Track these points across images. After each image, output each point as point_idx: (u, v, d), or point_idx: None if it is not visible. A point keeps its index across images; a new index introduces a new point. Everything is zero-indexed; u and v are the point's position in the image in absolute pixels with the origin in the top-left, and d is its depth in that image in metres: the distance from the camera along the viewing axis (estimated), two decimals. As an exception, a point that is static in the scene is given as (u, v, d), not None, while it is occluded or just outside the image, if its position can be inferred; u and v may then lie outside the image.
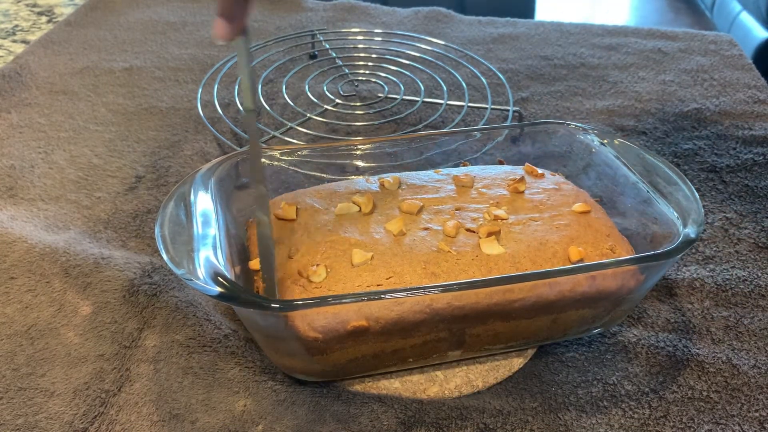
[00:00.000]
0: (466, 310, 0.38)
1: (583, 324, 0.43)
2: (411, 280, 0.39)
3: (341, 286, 0.38)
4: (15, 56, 0.79)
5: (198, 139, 0.65)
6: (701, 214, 0.42)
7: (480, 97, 0.74)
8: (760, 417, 0.42)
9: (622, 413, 0.42)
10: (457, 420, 0.41)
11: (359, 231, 0.41)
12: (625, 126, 0.69)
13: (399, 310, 0.37)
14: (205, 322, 0.46)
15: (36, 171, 0.60)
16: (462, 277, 0.39)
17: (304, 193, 0.46)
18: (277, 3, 0.95)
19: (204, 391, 0.42)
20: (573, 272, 0.38)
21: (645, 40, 0.87)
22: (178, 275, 0.36)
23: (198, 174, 0.44)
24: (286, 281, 0.39)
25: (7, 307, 0.47)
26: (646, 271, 0.40)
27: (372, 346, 0.39)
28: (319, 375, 0.42)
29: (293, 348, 0.39)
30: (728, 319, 0.48)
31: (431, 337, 0.40)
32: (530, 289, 0.38)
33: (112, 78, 0.76)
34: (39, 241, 0.51)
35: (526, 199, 0.45)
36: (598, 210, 0.45)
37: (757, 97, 0.74)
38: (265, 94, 0.73)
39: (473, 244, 0.41)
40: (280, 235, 0.42)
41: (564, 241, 0.42)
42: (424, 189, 0.45)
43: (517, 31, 0.89)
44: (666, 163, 0.46)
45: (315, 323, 0.37)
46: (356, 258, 0.39)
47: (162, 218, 0.40)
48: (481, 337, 0.41)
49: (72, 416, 0.40)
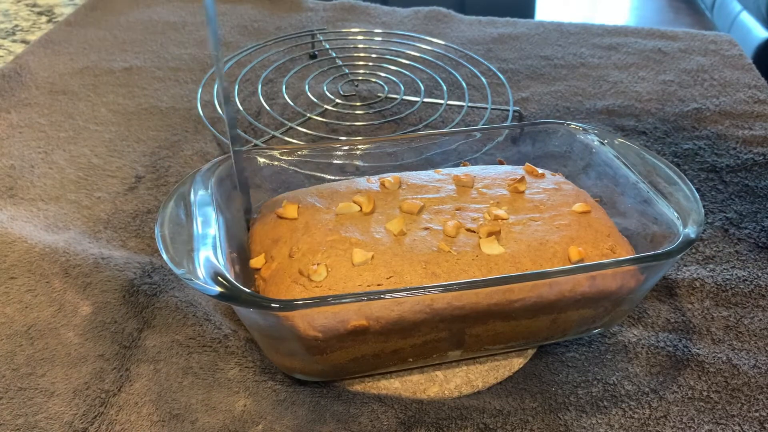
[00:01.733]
0: (466, 310, 0.38)
1: (583, 324, 0.43)
2: (411, 280, 0.39)
3: (342, 285, 0.38)
4: (15, 56, 0.79)
5: (198, 139, 0.65)
6: (701, 214, 0.42)
7: (480, 97, 0.74)
8: (761, 417, 0.42)
9: (622, 413, 0.42)
10: (457, 420, 0.41)
11: (360, 230, 0.41)
12: (625, 126, 0.69)
13: (399, 310, 0.37)
14: (205, 322, 0.46)
15: (36, 171, 0.60)
16: (462, 277, 0.39)
17: (304, 192, 0.46)
18: (277, 3, 0.95)
19: (204, 391, 0.42)
20: (573, 272, 0.38)
21: (645, 40, 0.87)
22: (178, 275, 0.36)
23: (198, 174, 0.44)
24: (287, 280, 0.39)
25: (7, 307, 0.47)
26: (646, 271, 0.40)
27: (372, 345, 0.39)
28: (319, 375, 0.42)
29: (293, 347, 0.39)
30: (728, 319, 0.48)
31: (431, 337, 0.40)
32: (530, 289, 0.38)
33: (112, 78, 0.76)
34: (39, 241, 0.51)
35: (526, 199, 0.45)
36: (599, 210, 0.45)
37: (757, 97, 0.74)
38: (265, 94, 0.73)
39: (473, 244, 0.41)
40: (281, 233, 0.42)
41: (564, 241, 0.42)
42: (424, 189, 0.45)
43: (517, 31, 0.89)
44: (666, 163, 0.46)
45: (315, 322, 0.37)
46: (357, 257, 0.39)
47: (162, 218, 0.40)
48: (481, 337, 0.41)
49: (72, 416, 0.40)
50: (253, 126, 0.67)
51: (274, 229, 0.43)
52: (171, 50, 0.82)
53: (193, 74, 0.77)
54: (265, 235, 0.43)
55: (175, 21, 0.89)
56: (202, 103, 0.68)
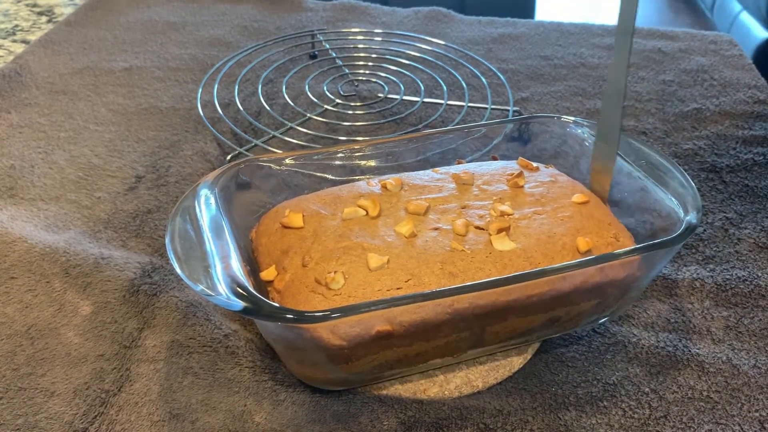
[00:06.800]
0: (486, 309, 0.38)
1: (593, 313, 0.44)
2: (430, 282, 0.39)
3: (361, 291, 0.38)
4: (15, 56, 0.79)
5: (198, 139, 0.65)
6: (698, 198, 0.42)
7: (480, 97, 0.74)
8: (761, 417, 0.42)
9: (622, 413, 0.42)
10: (457, 420, 0.41)
11: (370, 235, 0.41)
12: (625, 126, 0.69)
13: (422, 313, 0.37)
14: (205, 322, 0.46)
15: (36, 171, 0.60)
16: (479, 275, 0.39)
17: (306, 199, 0.45)
18: (277, 3, 0.95)
19: (204, 391, 0.42)
20: (591, 264, 0.39)
21: (645, 40, 0.87)
22: (197, 292, 0.36)
23: (201, 185, 0.43)
24: (304, 290, 0.38)
25: (7, 307, 0.47)
26: (652, 258, 0.41)
27: (396, 350, 0.39)
28: (344, 384, 0.42)
29: (317, 358, 0.38)
30: (728, 319, 0.48)
31: (453, 338, 0.40)
32: (546, 283, 0.38)
33: (112, 78, 0.76)
34: (39, 241, 0.51)
35: (527, 194, 0.45)
36: (596, 199, 0.46)
37: (757, 97, 0.74)
38: (265, 94, 0.73)
39: (484, 241, 0.41)
40: (290, 243, 0.42)
41: (570, 232, 0.42)
42: (426, 189, 0.45)
43: (517, 31, 0.89)
44: (657, 150, 0.47)
45: (339, 331, 0.36)
46: (373, 262, 0.39)
47: (171, 231, 0.39)
48: (500, 334, 0.41)
49: (72, 416, 0.40)
50: (253, 126, 0.67)
51: (281, 239, 0.42)
52: (171, 50, 0.82)
53: (193, 74, 0.77)
54: (273, 246, 0.42)
55: (175, 21, 0.89)
56: (202, 103, 0.68)
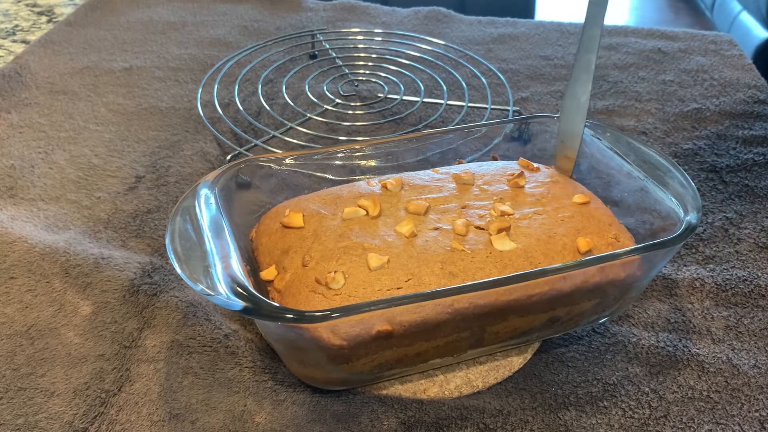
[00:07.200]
0: (486, 308, 0.38)
1: (594, 313, 0.44)
2: (430, 281, 0.39)
3: (361, 291, 0.38)
4: (15, 56, 0.79)
5: (198, 139, 0.65)
6: (698, 198, 0.42)
7: (480, 97, 0.74)
8: (761, 417, 0.42)
9: (622, 413, 0.42)
10: (457, 420, 0.41)
11: (370, 235, 0.41)
12: (625, 126, 0.69)
13: (422, 312, 0.37)
14: (205, 322, 0.46)
15: (36, 171, 0.60)
16: (479, 275, 0.39)
17: (306, 199, 0.45)
18: (277, 3, 0.95)
19: (204, 391, 0.42)
20: (590, 264, 0.38)
21: (645, 40, 0.87)
22: (197, 291, 0.36)
23: (202, 185, 0.43)
24: (304, 290, 0.39)
25: (7, 307, 0.47)
26: (652, 258, 0.41)
27: (396, 350, 0.39)
28: (344, 384, 0.42)
29: (318, 357, 0.38)
30: (728, 319, 0.48)
31: (453, 338, 0.40)
32: (547, 283, 0.38)
33: (112, 78, 0.76)
34: (39, 241, 0.51)
35: (527, 194, 0.45)
36: (596, 200, 0.46)
37: (757, 97, 0.74)
38: (265, 94, 0.73)
39: (485, 241, 0.41)
40: (290, 243, 0.42)
41: (571, 232, 0.42)
42: (427, 189, 0.45)
43: (517, 31, 0.89)
44: (657, 151, 0.47)
45: (339, 331, 0.36)
46: (373, 262, 0.39)
47: (171, 231, 0.39)
48: (500, 334, 0.42)
49: (72, 416, 0.40)
50: (253, 126, 0.67)
51: (282, 239, 0.42)
52: (171, 50, 0.82)
53: (193, 74, 0.77)
54: (273, 245, 0.42)
55: (175, 21, 0.89)
56: (202, 103, 0.68)
